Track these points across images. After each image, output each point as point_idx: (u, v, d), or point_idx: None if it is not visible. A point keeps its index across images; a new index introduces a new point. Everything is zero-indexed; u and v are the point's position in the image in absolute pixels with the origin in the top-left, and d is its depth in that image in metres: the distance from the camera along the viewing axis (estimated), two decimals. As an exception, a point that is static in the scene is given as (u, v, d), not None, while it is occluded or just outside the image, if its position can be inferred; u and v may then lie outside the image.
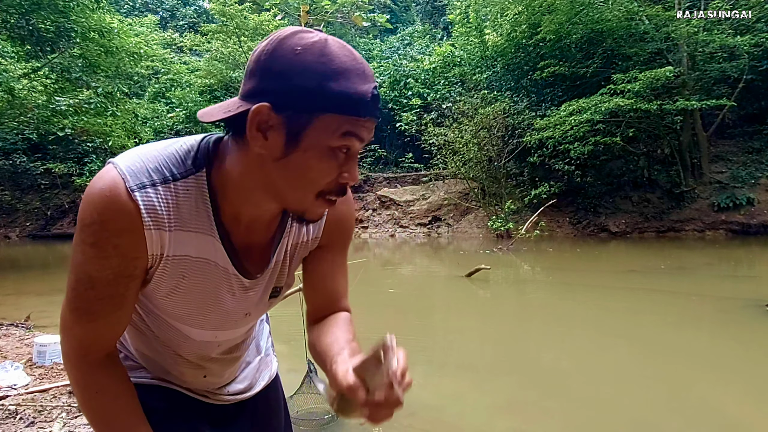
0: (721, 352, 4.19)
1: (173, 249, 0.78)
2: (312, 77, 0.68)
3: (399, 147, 18.18)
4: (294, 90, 0.68)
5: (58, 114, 10.43)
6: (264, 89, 0.69)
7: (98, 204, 0.73)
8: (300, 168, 0.72)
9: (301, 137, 0.70)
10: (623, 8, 11.99)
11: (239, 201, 0.80)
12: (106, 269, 0.75)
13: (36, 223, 19.79)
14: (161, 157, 0.78)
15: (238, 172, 0.77)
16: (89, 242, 0.74)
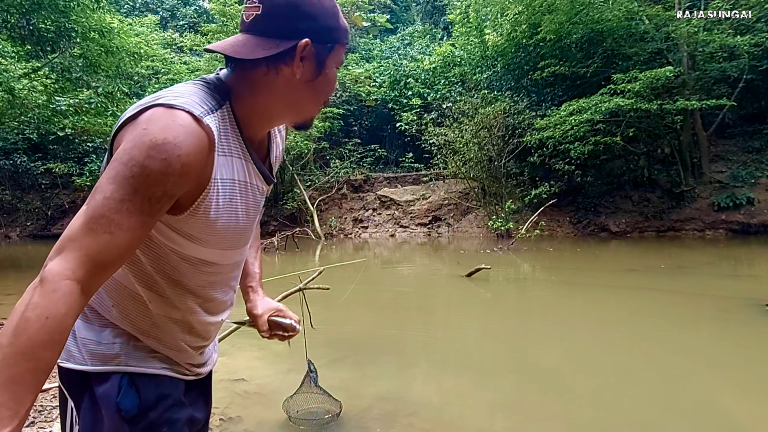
0: (721, 352, 4.19)
1: (223, 173, 0.89)
2: (332, 18, 0.91)
3: (399, 147, 18.19)
4: (323, 29, 0.90)
5: (58, 114, 10.44)
6: (299, 28, 0.88)
7: (176, 131, 0.78)
8: (323, 85, 0.95)
9: (325, 63, 0.92)
10: (623, 8, 11.99)
11: (261, 125, 0.97)
12: (158, 186, 0.78)
13: (36, 223, 19.81)
14: (196, 93, 0.86)
15: (266, 98, 0.92)
16: (159, 158, 0.77)
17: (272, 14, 0.88)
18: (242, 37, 0.90)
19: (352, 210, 16.99)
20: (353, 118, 18.89)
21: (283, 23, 0.88)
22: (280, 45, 0.87)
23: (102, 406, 0.94)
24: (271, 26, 0.88)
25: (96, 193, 0.78)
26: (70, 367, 0.96)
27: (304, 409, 2.82)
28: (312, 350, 3.04)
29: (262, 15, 0.89)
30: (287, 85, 0.91)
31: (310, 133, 16.03)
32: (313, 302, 4.63)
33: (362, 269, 8.36)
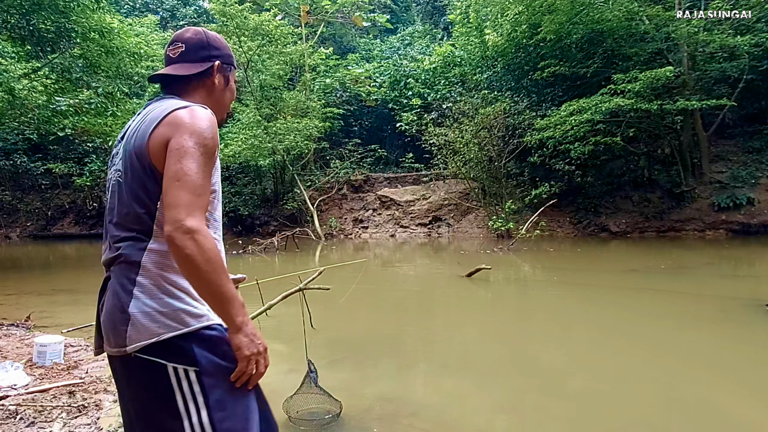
0: (721, 352, 4.19)
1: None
2: (227, 50, 1.44)
3: (399, 147, 18.19)
4: (225, 56, 1.43)
5: (58, 114, 10.44)
6: (214, 55, 1.40)
7: (213, 123, 1.25)
8: (231, 93, 1.48)
9: (229, 78, 1.46)
10: (623, 8, 11.99)
11: None
12: (215, 150, 1.25)
13: (37, 224, 19.82)
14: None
15: (204, 98, 1.39)
16: (211, 146, 1.22)
17: (192, 49, 1.39)
18: (177, 66, 1.38)
19: (352, 210, 16.99)
20: (353, 118, 18.89)
21: (201, 52, 1.39)
22: (203, 65, 1.38)
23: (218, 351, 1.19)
24: (193, 56, 1.38)
25: (185, 172, 1.16)
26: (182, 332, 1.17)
27: (305, 410, 2.82)
28: (312, 350, 3.05)
29: (186, 50, 1.38)
30: (211, 91, 1.41)
31: (310, 134, 16.04)
32: (314, 303, 4.63)
33: (362, 270, 8.35)
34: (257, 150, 15.20)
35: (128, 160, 1.24)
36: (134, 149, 1.22)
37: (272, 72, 16.89)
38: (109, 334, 1.22)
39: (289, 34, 16.46)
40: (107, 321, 1.23)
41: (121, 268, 1.21)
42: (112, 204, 1.27)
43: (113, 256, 1.23)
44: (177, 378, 1.16)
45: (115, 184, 1.28)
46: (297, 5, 19.95)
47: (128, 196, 1.22)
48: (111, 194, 1.29)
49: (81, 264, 12.15)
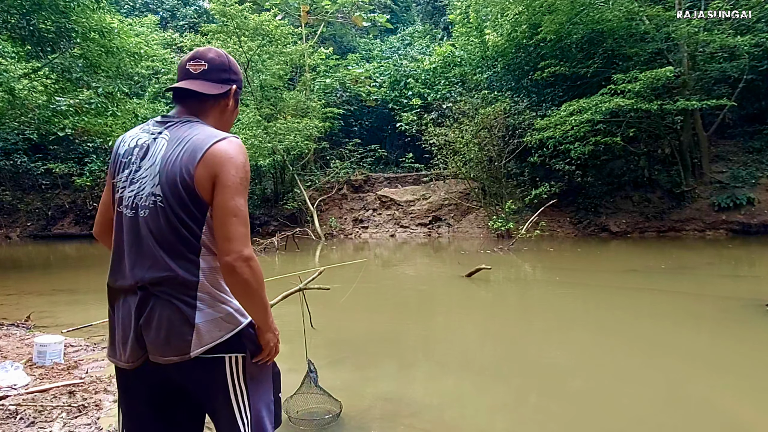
0: (721, 352, 4.19)
1: None
2: (241, 75, 1.56)
3: (399, 147, 18.19)
4: (239, 81, 1.54)
5: (58, 114, 10.43)
6: (233, 79, 1.51)
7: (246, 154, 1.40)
8: (236, 113, 1.58)
9: (238, 100, 1.56)
10: (624, 8, 11.99)
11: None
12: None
13: (37, 224, 19.80)
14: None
15: (214, 120, 1.48)
16: (248, 177, 1.38)
17: (214, 69, 1.46)
18: (198, 83, 1.43)
19: (353, 210, 16.99)
20: (353, 118, 18.89)
21: (222, 75, 1.48)
22: (222, 87, 1.47)
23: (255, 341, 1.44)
24: (214, 76, 1.46)
25: (239, 208, 1.33)
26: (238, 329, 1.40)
27: (304, 410, 2.82)
28: (312, 350, 3.04)
29: (208, 70, 1.45)
30: (223, 112, 1.52)
31: (310, 134, 16.05)
32: (314, 302, 4.63)
33: (362, 270, 8.35)
34: (257, 150, 15.19)
35: (170, 187, 1.33)
36: (179, 178, 1.32)
37: (272, 72, 16.88)
38: (162, 347, 1.33)
39: (289, 34, 16.46)
40: (160, 335, 1.34)
41: (175, 286, 1.33)
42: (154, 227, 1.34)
43: (163, 276, 1.33)
44: (230, 365, 1.39)
45: (152, 207, 1.34)
46: (297, 5, 19.95)
47: (174, 220, 1.33)
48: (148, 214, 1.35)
49: (81, 264, 12.16)
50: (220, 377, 1.39)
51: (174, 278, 1.32)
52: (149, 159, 1.37)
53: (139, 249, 1.35)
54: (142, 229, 1.35)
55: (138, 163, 1.38)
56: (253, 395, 1.43)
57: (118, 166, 1.42)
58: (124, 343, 1.38)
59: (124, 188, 1.39)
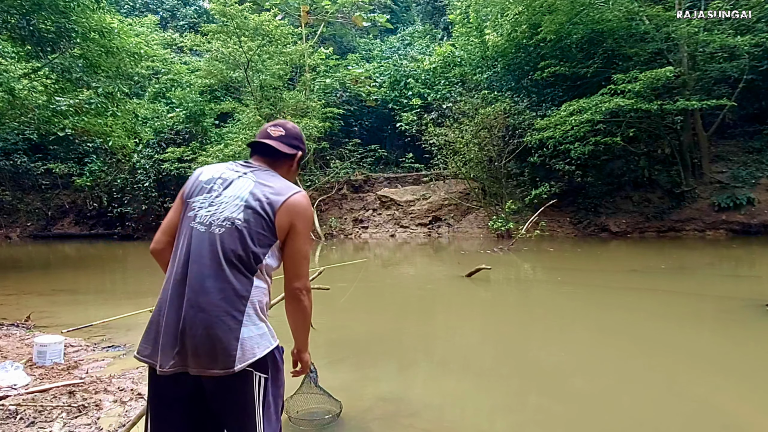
0: (721, 352, 4.19)
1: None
2: (304, 144, 1.85)
3: (399, 147, 18.18)
4: (305, 149, 1.84)
5: (58, 114, 10.43)
6: (300, 147, 1.82)
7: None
8: (296, 173, 1.87)
9: (299, 164, 1.86)
10: (623, 8, 11.99)
11: None
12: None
13: (37, 224, 19.81)
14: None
15: (284, 173, 1.78)
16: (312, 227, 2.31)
17: (290, 136, 1.80)
18: (277, 142, 1.75)
19: (352, 210, 16.99)
20: (353, 118, 18.89)
21: (294, 141, 1.81)
22: (293, 151, 1.79)
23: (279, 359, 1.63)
24: (289, 141, 1.78)
25: (307, 252, 1.71)
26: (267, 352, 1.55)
27: (305, 410, 2.81)
28: (312, 350, 3.03)
29: (285, 135, 1.79)
30: (288, 171, 1.82)
31: (310, 134, 16.05)
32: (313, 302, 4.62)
33: (362, 270, 8.36)
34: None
35: (254, 216, 1.58)
36: (263, 211, 1.59)
37: (272, 72, 16.88)
38: (207, 361, 1.47)
39: (289, 34, 16.45)
40: (206, 349, 1.47)
41: (229, 298, 1.51)
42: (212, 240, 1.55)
43: (222, 285, 1.51)
44: (258, 382, 1.54)
45: (229, 227, 1.57)
46: (297, 5, 19.94)
47: (249, 242, 1.56)
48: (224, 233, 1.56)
49: (81, 264, 12.16)
50: (249, 394, 1.54)
51: (232, 289, 1.51)
52: (232, 190, 1.63)
53: (202, 258, 1.53)
54: (214, 244, 1.55)
55: (220, 191, 1.63)
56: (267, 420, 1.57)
57: (195, 189, 1.67)
58: (165, 348, 1.49)
59: (201, 208, 1.61)
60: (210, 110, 17.65)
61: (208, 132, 17.49)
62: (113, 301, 6.92)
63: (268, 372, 1.56)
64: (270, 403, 1.58)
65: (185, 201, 1.68)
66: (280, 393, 1.67)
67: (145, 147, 16.64)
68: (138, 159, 16.63)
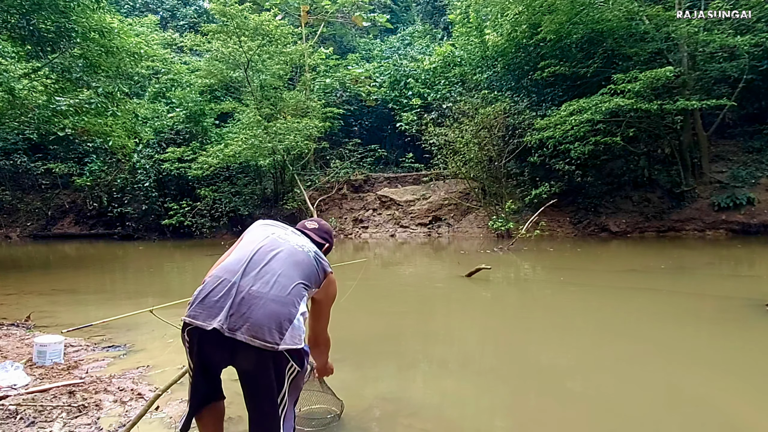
0: (721, 352, 4.19)
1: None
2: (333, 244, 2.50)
3: (399, 147, 18.19)
4: (332, 244, 2.48)
5: (58, 114, 10.43)
6: (328, 239, 2.44)
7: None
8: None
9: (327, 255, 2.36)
10: (623, 8, 11.98)
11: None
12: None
13: (37, 223, 19.81)
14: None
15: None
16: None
17: (322, 230, 2.40)
18: (311, 232, 2.34)
19: (352, 210, 16.99)
20: (353, 118, 18.89)
21: (325, 235, 2.40)
22: (325, 242, 2.38)
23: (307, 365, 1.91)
24: (321, 234, 2.37)
25: (329, 314, 2.33)
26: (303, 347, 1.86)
27: (306, 409, 2.81)
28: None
29: (318, 229, 2.39)
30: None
31: (310, 133, 16.05)
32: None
33: (362, 269, 8.35)
34: (257, 150, 15.19)
35: (316, 261, 2.11)
36: (321, 266, 2.12)
37: (272, 72, 16.88)
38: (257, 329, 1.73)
39: (289, 34, 16.45)
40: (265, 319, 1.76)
41: (285, 300, 1.84)
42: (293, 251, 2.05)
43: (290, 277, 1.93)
44: (291, 372, 1.81)
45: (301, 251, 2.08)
46: (297, 5, 19.94)
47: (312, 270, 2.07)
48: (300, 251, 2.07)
49: (81, 264, 12.16)
50: (281, 379, 1.80)
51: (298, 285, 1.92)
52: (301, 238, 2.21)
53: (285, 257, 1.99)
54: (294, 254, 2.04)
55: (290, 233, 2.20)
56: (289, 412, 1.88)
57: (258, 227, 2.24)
58: (213, 307, 1.77)
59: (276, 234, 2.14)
60: (210, 110, 17.65)
61: (208, 132, 17.49)
62: (113, 301, 6.92)
63: (303, 366, 1.85)
64: (295, 396, 1.90)
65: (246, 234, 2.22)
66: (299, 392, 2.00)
67: (145, 147, 16.64)
68: (138, 159, 16.62)
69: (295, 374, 1.83)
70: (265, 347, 1.71)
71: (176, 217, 16.14)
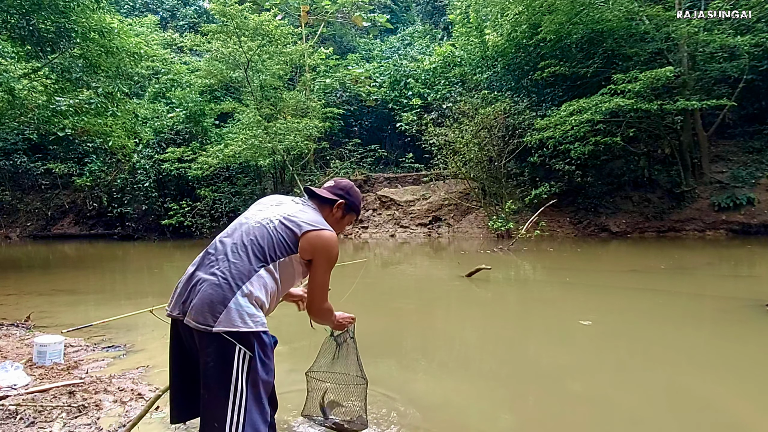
0: (721, 352, 4.19)
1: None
2: (353, 201, 2.25)
3: (399, 147, 18.19)
4: (350, 202, 2.23)
5: (58, 114, 10.42)
6: (343, 196, 2.21)
7: (337, 242, 2.02)
8: (342, 224, 2.25)
9: (344, 216, 2.24)
10: (623, 8, 11.99)
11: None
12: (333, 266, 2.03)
13: (37, 224, 19.81)
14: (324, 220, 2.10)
15: (325, 217, 2.12)
16: (334, 260, 2.01)
17: (337, 188, 2.23)
18: (321, 190, 2.22)
19: (352, 210, 16.97)
20: (353, 118, 18.89)
21: (339, 191, 2.21)
22: (338, 198, 2.19)
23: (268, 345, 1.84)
24: (334, 191, 2.21)
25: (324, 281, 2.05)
26: (251, 330, 1.77)
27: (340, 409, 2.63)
28: (312, 351, 3.04)
29: (333, 186, 2.23)
30: (331, 216, 2.17)
31: (310, 134, 16.05)
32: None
33: (362, 269, 8.36)
34: (257, 150, 15.19)
35: (282, 226, 1.96)
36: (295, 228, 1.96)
37: (272, 72, 16.88)
38: (196, 314, 1.76)
39: (289, 34, 16.46)
40: (203, 304, 1.76)
41: (239, 271, 1.83)
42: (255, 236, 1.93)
43: (237, 262, 1.85)
44: (239, 356, 1.74)
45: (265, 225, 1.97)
46: (297, 5, 19.95)
47: (273, 240, 1.92)
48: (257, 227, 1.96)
49: (81, 264, 12.15)
50: (229, 364, 1.74)
51: (244, 265, 1.84)
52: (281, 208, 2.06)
53: (232, 238, 1.94)
54: (247, 232, 1.94)
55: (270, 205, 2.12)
56: (250, 401, 1.75)
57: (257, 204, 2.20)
58: (178, 299, 1.87)
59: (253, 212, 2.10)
60: (210, 110, 17.65)
61: (208, 132, 17.49)
62: (113, 301, 6.92)
63: (254, 351, 1.76)
64: (258, 384, 1.78)
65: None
66: (269, 378, 1.84)
67: (145, 147, 16.64)
68: (138, 159, 16.63)
69: (247, 359, 1.75)
70: (198, 329, 1.75)
71: (176, 218, 16.14)
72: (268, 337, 1.84)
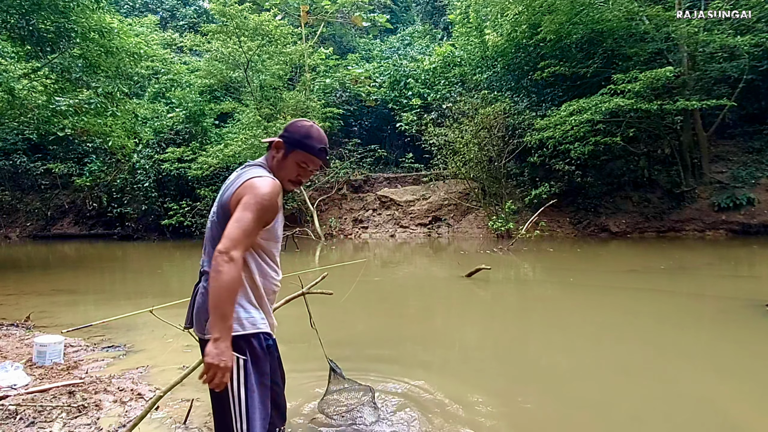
0: (721, 352, 4.19)
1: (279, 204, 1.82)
2: (298, 135, 1.87)
3: (399, 147, 18.18)
4: (293, 139, 1.87)
5: (58, 114, 10.42)
6: (283, 135, 1.88)
7: (275, 189, 1.75)
8: (288, 165, 1.88)
9: (288, 156, 1.87)
10: (623, 8, 11.98)
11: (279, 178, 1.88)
12: (263, 219, 1.73)
13: (36, 224, 19.80)
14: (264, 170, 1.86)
15: (269, 160, 1.90)
16: (267, 206, 1.71)
17: (284, 130, 1.92)
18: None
19: (352, 210, 16.98)
20: (353, 118, 18.88)
21: (283, 133, 1.90)
22: (276, 138, 1.90)
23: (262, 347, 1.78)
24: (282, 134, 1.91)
25: (243, 219, 1.67)
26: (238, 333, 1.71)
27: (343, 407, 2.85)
28: (312, 351, 3.05)
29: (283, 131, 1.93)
30: (272, 161, 1.89)
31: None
32: (313, 303, 4.61)
33: (362, 270, 8.35)
34: (257, 150, 15.17)
35: (218, 211, 1.81)
36: (223, 201, 1.79)
37: (272, 72, 16.88)
38: (195, 322, 1.83)
39: (289, 34, 16.45)
40: (197, 312, 1.81)
41: (201, 290, 1.81)
42: (208, 235, 1.86)
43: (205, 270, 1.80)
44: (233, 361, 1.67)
45: (213, 221, 1.84)
46: (297, 5, 19.94)
47: (218, 229, 1.77)
48: (209, 228, 1.86)
49: (81, 264, 12.15)
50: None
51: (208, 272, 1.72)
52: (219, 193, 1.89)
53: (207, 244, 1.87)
54: (209, 230, 1.86)
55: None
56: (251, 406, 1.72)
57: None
58: (188, 310, 1.89)
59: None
60: (210, 110, 17.64)
61: (208, 132, 17.48)
62: (113, 301, 6.91)
63: (246, 354, 1.73)
64: (254, 388, 1.73)
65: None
66: (264, 381, 1.77)
67: (144, 147, 16.64)
68: (138, 159, 16.62)
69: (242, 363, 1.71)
70: (199, 337, 1.84)
71: (176, 218, 16.13)
72: (263, 337, 1.79)
